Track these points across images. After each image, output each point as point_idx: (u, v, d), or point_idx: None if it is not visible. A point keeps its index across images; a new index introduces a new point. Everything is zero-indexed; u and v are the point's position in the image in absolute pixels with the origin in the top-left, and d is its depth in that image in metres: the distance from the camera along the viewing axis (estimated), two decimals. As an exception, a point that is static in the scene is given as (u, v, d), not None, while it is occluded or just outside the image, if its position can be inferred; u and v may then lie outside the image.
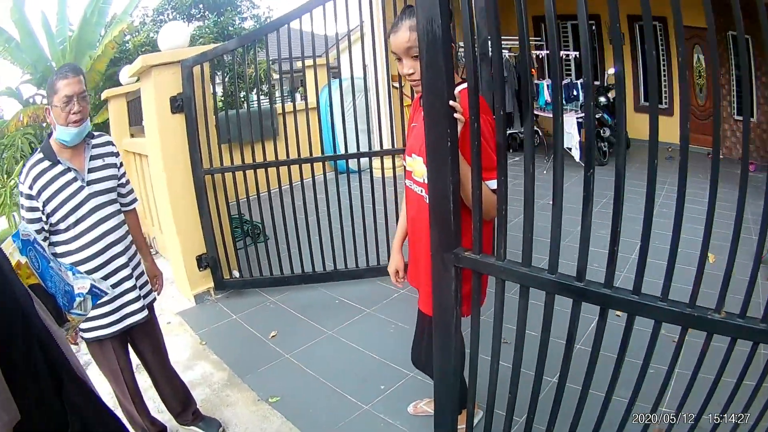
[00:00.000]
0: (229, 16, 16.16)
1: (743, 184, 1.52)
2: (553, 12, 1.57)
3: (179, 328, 4.63)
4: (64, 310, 1.95)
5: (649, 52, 1.56)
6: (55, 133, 2.64)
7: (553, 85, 1.73)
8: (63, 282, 1.94)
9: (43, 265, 1.85)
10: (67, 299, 1.95)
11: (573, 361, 1.90)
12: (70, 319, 1.97)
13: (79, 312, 2.01)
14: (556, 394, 1.99)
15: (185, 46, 4.86)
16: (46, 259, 1.88)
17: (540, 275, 1.83)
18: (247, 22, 17.80)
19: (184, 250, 5.04)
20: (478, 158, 1.88)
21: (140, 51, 12.24)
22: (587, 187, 1.65)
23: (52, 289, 1.87)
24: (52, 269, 1.87)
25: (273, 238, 5.29)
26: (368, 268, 5.25)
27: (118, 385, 2.89)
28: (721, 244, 2.00)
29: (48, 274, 1.85)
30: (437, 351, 2.25)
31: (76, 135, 2.65)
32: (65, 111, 2.58)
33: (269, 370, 3.92)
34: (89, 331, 2.73)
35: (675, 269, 1.66)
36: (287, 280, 5.23)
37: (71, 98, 2.58)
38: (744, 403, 1.78)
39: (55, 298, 1.89)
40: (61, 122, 2.60)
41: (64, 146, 2.67)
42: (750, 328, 1.54)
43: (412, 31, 2.14)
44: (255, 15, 18.43)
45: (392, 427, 3.24)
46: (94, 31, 12.96)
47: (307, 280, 5.22)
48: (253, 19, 18.23)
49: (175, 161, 4.79)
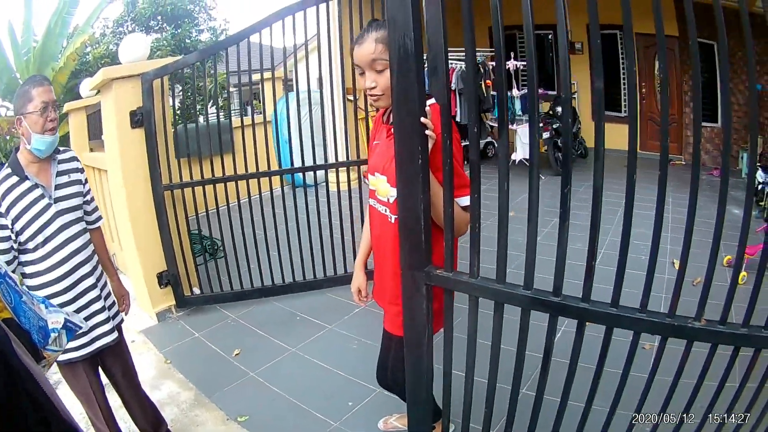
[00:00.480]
0: (187, 29, 16.13)
1: (722, 198, 1.53)
2: (500, 24, 1.57)
3: (143, 347, 4.53)
4: (40, 347, 1.83)
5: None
6: (29, 144, 2.54)
7: (530, 96, 1.72)
8: (37, 317, 1.83)
9: (15, 300, 1.73)
10: (41, 335, 1.84)
11: (535, 373, 1.91)
12: (46, 356, 1.86)
13: (55, 348, 1.90)
14: (534, 405, 1.99)
15: (145, 59, 4.78)
16: (18, 294, 1.75)
17: (516, 291, 1.82)
18: (203, 35, 17.80)
19: (145, 267, 4.95)
20: (451, 175, 1.86)
21: (100, 63, 12.08)
22: (564, 204, 1.65)
23: (26, 324, 1.75)
24: (24, 304, 1.75)
25: (233, 253, 5.30)
26: (326, 278, 5.33)
27: (91, 408, 2.81)
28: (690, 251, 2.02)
29: (21, 309, 1.73)
30: (410, 370, 2.22)
31: (50, 144, 2.57)
32: (43, 118, 2.51)
33: (236, 389, 3.86)
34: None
35: (628, 276, 1.70)
36: (247, 294, 5.22)
37: (48, 105, 2.53)
38: (726, 407, 1.82)
39: (29, 333, 1.77)
40: (38, 130, 2.51)
41: (32, 161, 2.58)
42: (732, 333, 1.57)
43: (378, 43, 2.12)
44: (211, 27, 18.45)
45: (363, 443, 3.20)
46: (56, 43, 12.71)
47: (266, 293, 5.23)
48: (209, 31, 18.25)
49: (134, 176, 4.70)
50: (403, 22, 1.77)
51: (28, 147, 2.56)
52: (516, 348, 1.93)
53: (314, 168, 5.26)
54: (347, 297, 4.49)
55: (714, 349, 1.66)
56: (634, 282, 1.80)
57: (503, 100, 1.82)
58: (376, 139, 2.53)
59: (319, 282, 5.33)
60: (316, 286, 5.33)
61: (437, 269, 1.99)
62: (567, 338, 1.89)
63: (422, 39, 1.82)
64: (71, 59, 11.92)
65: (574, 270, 2.08)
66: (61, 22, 12.59)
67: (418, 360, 2.16)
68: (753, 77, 1.49)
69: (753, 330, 1.58)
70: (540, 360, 1.88)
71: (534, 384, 2.07)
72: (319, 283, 5.33)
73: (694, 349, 1.67)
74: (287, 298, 5.25)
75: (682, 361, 1.71)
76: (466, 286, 1.92)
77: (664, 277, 4.81)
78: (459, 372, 2.10)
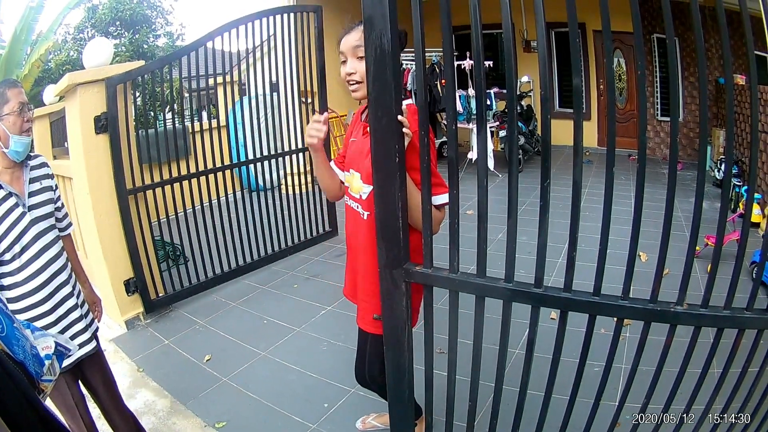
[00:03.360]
0: (144, 34, 16.08)
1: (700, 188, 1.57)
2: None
3: (115, 356, 4.47)
4: (37, 378, 1.67)
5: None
6: (7, 147, 2.46)
7: (507, 96, 1.74)
8: (29, 344, 1.66)
9: (8, 326, 1.54)
10: (37, 365, 1.68)
11: (513, 365, 1.93)
12: (43, 387, 1.71)
13: (50, 378, 1.75)
14: (518, 397, 2.00)
15: (108, 63, 4.71)
16: (11, 319, 1.58)
17: (497, 285, 1.84)
18: (160, 39, 17.81)
19: (112, 275, 4.88)
20: (428, 173, 1.87)
21: (62, 70, 11.92)
22: (544, 196, 1.67)
23: (20, 355, 1.57)
24: (17, 330, 1.58)
25: (196, 256, 5.46)
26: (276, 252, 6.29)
27: (74, 420, 2.74)
28: (652, 243, 2.08)
29: (14, 337, 1.55)
30: (390, 368, 2.20)
31: (27, 145, 2.51)
32: (20, 118, 2.45)
33: (210, 395, 3.83)
34: None
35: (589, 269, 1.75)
36: (206, 285, 5.59)
37: (24, 105, 2.47)
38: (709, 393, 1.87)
39: (24, 365, 1.59)
40: (16, 131, 2.44)
41: (6, 167, 2.50)
42: (714, 316, 1.62)
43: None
44: (168, 32, 18.45)
45: (344, 444, 3.20)
46: (21, 50, 12.40)
47: (222, 279, 5.72)
48: (166, 36, 18.26)
49: (99, 183, 4.64)
50: (380, 21, 1.77)
51: (4, 150, 2.46)
52: (497, 344, 1.94)
53: (269, 157, 5.90)
54: (312, 299, 5.09)
55: (697, 333, 1.69)
56: (589, 272, 1.83)
57: (482, 97, 1.82)
58: (353, 136, 2.54)
59: (270, 257, 6.18)
60: (264, 262, 6.13)
61: (416, 266, 1.99)
62: (541, 332, 1.91)
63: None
64: (35, 66, 11.72)
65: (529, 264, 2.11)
66: (26, 29, 12.31)
67: (399, 357, 2.15)
68: (704, 71, 1.52)
69: (735, 312, 1.62)
70: (515, 356, 1.90)
71: (513, 379, 2.10)
72: (270, 258, 6.18)
73: (676, 338, 1.71)
74: (252, 305, 5.34)
75: (665, 347, 1.74)
76: (446, 282, 1.93)
77: (638, 270, 4.85)
78: (438, 371, 2.14)
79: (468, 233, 2.07)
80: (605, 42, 1.56)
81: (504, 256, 1.82)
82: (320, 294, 5.35)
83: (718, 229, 1.60)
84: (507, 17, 1.59)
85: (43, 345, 1.79)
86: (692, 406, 1.88)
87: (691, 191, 1.77)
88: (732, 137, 1.59)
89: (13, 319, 1.57)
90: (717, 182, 7.99)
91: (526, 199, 7.41)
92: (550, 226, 1.73)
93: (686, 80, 9.80)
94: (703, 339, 1.72)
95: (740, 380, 1.80)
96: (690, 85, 9.80)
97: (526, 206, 7.01)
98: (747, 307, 1.63)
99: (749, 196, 1.70)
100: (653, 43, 10.02)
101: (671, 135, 1.55)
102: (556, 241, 2.63)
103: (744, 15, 1.43)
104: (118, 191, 4.70)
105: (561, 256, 5.09)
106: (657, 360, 1.80)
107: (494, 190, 1.89)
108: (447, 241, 1.90)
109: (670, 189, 1.58)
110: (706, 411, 1.91)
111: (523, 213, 4.72)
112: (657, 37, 9.93)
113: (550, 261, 1.86)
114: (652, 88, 10.38)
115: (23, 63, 12.29)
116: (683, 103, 9.90)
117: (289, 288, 5.62)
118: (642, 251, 5.01)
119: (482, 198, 1.77)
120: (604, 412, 1.99)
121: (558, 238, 2.70)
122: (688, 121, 9.93)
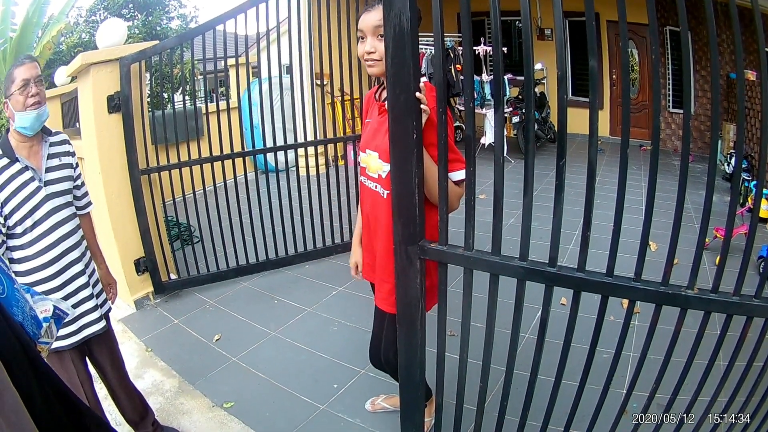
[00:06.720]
0: (158, 16, 16.00)
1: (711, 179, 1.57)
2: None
3: (123, 336, 4.47)
4: (34, 340, 1.67)
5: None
6: (14, 124, 2.50)
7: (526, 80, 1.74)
8: (28, 305, 1.66)
9: (8, 287, 1.56)
10: (35, 326, 1.69)
11: (522, 349, 1.94)
12: (40, 349, 1.71)
13: (47, 340, 1.76)
14: (530, 379, 2.01)
15: (122, 44, 4.71)
16: (11, 279, 1.58)
17: (511, 263, 1.85)
18: (174, 22, 17.71)
19: (123, 254, 4.89)
20: (445, 150, 1.88)
21: (73, 52, 11.88)
22: (559, 176, 1.67)
23: (18, 316, 1.58)
24: (18, 292, 1.59)
25: (208, 238, 5.33)
26: (297, 254, 5.70)
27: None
28: (662, 233, 2.08)
29: (14, 298, 1.57)
30: (402, 346, 2.23)
31: (35, 120, 2.51)
32: (23, 95, 2.46)
33: (219, 375, 3.84)
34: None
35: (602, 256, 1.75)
36: (223, 275, 5.35)
37: (28, 81, 2.48)
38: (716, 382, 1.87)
39: (23, 326, 1.60)
40: (20, 108, 2.47)
41: (21, 142, 2.53)
42: (724, 301, 1.62)
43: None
44: (182, 14, 18.35)
45: (353, 425, 3.22)
46: (32, 32, 12.37)
47: (241, 273, 5.42)
48: (180, 19, 18.14)
49: (111, 162, 4.64)
50: (400, 2, 1.78)
51: (15, 127, 2.51)
52: (507, 328, 1.96)
53: (285, 147, 5.45)
54: (324, 279, 4.91)
55: (707, 318, 1.70)
56: (601, 259, 1.84)
57: (500, 80, 1.84)
58: (368, 117, 2.54)
59: (290, 258, 5.64)
60: (287, 262, 5.63)
61: (431, 243, 2.00)
62: (551, 317, 1.91)
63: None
64: (47, 48, 11.67)
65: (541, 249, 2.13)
66: (38, 12, 12.28)
67: (412, 335, 2.17)
68: (716, 64, 1.53)
69: (744, 299, 1.62)
70: (525, 340, 1.91)
71: (522, 363, 2.12)
72: (290, 259, 5.64)
73: (684, 328, 1.72)
74: (263, 278, 5.37)
75: (675, 333, 1.75)
76: (461, 259, 1.94)
77: (648, 259, 4.85)
78: (450, 354, 2.15)
79: (481, 217, 2.07)
80: (620, 30, 1.56)
81: (517, 240, 1.83)
82: (332, 275, 5.34)
83: (727, 222, 1.61)
84: (525, 5, 1.59)
85: (41, 308, 1.79)
86: (698, 397, 1.89)
87: (700, 183, 1.79)
88: (743, 132, 1.60)
89: (14, 280, 1.59)
90: (726, 176, 7.95)
91: (538, 185, 7.34)
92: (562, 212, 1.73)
93: (698, 74, 9.75)
94: (710, 330, 1.74)
95: (745, 373, 1.81)
96: (701, 78, 9.75)
97: (539, 192, 6.93)
98: (756, 294, 1.64)
99: (758, 191, 1.71)
100: (666, 36, 9.97)
101: (683, 125, 1.55)
102: (568, 227, 2.63)
103: (755, 12, 1.44)
104: (130, 171, 4.69)
105: (572, 242, 5.12)
106: (665, 349, 1.81)
107: (506, 176, 1.90)
108: (462, 222, 1.91)
109: (683, 173, 1.58)
110: (709, 406, 1.92)
111: (535, 199, 4.76)
112: (670, 29, 9.88)
113: (562, 246, 1.87)
114: (664, 80, 10.33)
115: (34, 45, 12.23)
116: (695, 96, 9.87)
117: (301, 268, 5.63)
118: (652, 241, 5.01)
119: (498, 177, 1.77)
120: (612, 400, 2.00)
121: (569, 224, 2.71)
122: (699, 114, 9.89)
